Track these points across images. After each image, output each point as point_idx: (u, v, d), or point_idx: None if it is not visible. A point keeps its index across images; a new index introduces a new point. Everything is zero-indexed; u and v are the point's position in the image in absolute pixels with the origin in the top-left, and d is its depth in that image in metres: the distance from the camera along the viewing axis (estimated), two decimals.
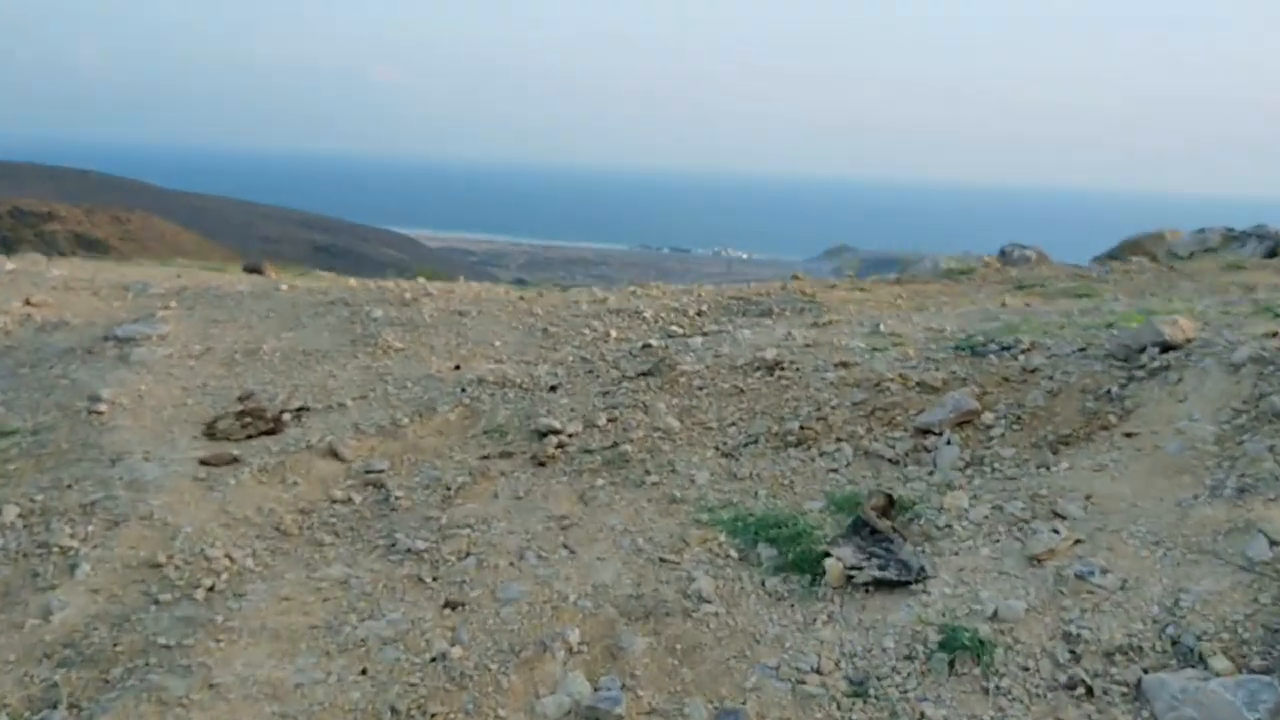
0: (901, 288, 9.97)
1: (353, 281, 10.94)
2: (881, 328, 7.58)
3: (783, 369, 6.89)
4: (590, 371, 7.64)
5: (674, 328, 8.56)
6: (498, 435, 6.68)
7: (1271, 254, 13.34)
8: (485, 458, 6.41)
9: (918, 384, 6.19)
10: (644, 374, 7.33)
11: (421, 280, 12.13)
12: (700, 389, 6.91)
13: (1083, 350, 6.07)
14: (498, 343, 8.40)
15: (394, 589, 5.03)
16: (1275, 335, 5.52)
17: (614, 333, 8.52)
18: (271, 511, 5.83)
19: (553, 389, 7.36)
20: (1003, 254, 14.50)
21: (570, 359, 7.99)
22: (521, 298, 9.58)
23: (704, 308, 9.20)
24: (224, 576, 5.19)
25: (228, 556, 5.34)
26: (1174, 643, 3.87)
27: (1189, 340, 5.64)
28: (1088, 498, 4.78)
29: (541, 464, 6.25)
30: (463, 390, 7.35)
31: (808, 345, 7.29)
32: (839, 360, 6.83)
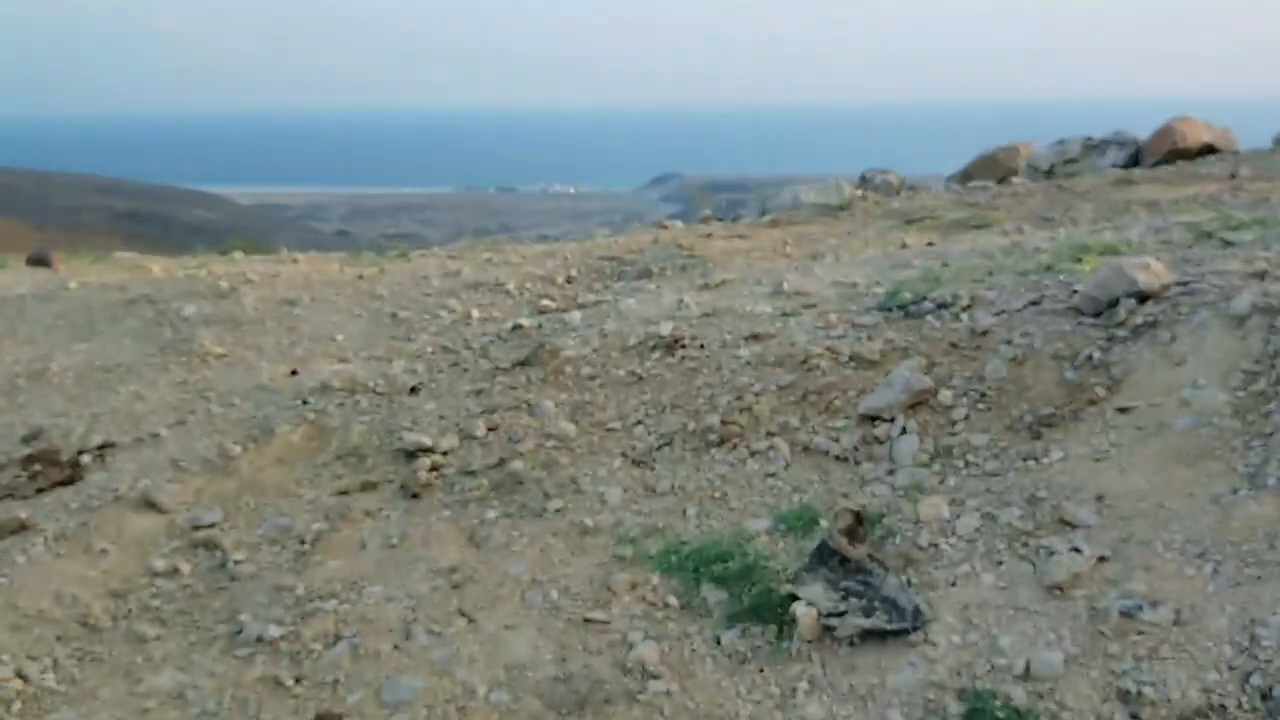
0: (782, 231, 9.09)
1: (157, 270, 9.41)
2: (785, 285, 6.65)
3: (684, 347, 5.90)
4: (456, 364, 6.51)
5: (545, 301, 7.46)
6: (355, 460, 5.51)
7: (1134, 161, 13.03)
8: (343, 493, 5.25)
9: (851, 358, 5.29)
10: (521, 364, 6.24)
11: (237, 257, 10.68)
12: (592, 379, 5.87)
13: (1036, 304, 5.25)
14: (340, 336, 7.16)
15: (245, 701, 3.87)
16: (1264, 275, 4.80)
17: (475, 312, 7.38)
18: (75, 599, 4.55)
19: (414, 391, 6.21)
20: (864, 180, 13.84)
21: (429, 350, 6.83)
22: (361, 276, 8.31)
23: (573, 272, 8.12)
24: (16, 706, 3.94)
25: (20, 675, 4.08)
26: (1264, 696, 3.08)
27: (1165, 287, 4.88)
28: (1099, 498, 3.95)
29: (415, 495, 5.14)
30: (304, 402, 6.12)
31: (706, 314, 6.31)
32: (749, 332, 5.88)
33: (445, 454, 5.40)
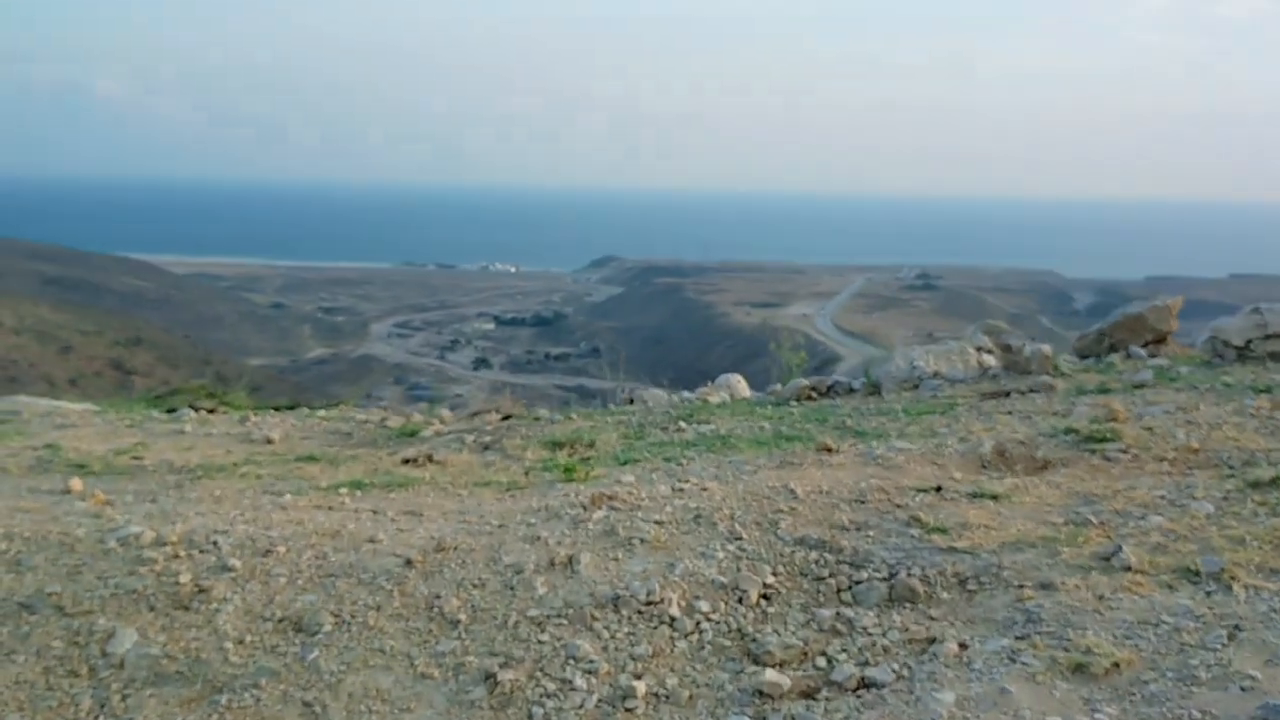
0: (1043, 482, 6.01)
1: (77, 485, 6.02)
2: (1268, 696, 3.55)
3: None
4: None
5: (750, 667, 4.27)
6: None
7: None
8: None
9: None
10: None
11: (187, 427, 7.40)
12: None
13: None
14: None
15: None
16: None
17: (636, 682, 4.18)
18: None
19: None
20: (1008, 349, 10.92)
21: None
22: (409, 562, 5.05)
23: (768, 576, 4.94)
24: None
25: None
26: None
27: None
28: None
29: None
30: None
31: None
32: None
33: None
